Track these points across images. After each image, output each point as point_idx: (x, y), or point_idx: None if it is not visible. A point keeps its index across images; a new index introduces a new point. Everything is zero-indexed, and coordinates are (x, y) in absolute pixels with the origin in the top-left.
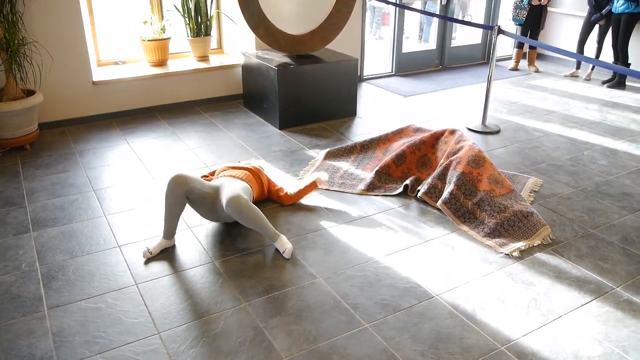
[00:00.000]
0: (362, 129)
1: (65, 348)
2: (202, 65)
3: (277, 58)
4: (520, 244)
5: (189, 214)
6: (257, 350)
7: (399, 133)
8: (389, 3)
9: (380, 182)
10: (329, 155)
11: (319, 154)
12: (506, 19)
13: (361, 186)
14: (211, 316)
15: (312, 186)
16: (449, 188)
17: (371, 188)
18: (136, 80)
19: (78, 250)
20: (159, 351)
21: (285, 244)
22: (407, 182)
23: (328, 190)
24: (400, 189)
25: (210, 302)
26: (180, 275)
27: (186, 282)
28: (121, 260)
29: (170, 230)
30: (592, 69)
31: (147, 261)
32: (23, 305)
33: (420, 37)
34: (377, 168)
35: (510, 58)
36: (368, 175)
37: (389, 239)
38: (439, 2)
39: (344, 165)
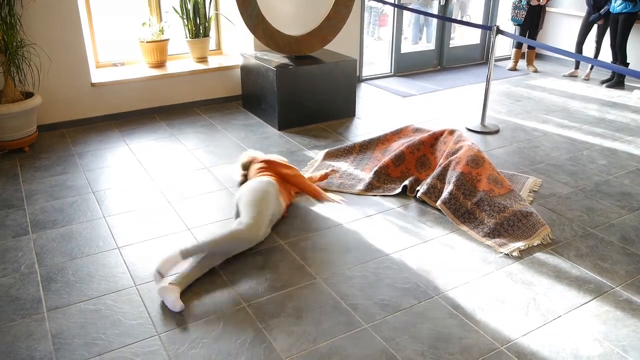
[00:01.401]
0: (361, 129)
1: (64, 350)
2: (201, 66)
3: (276, 59)
4: (520, 244)
5: (188, 214)
6: (257, 351)
7: (398, 133)
8: (386, 3)
9: (379, 183)
10: (328, 156)
11: (318, 155)
12: (505, 19)
13: (360, 186)
14: (211, 317)
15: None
16: (448, 188)
17: (370, 188)
18: (135, 82)
19: (77, 252)
20: (159, 353)
21: (171, 293)
22: (406, 182)
23: (327, 190)
24: (399, 190)
25: (210, 303)
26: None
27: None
28: (120, 262)
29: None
30: (591, 68)
31: (147, 263)
32: (22, 308)
33: (419, 38)
34: (376, 168)
35: (509, 58)
36: (367, 175)
37: (388, 239)
38: (437, 2)
39: (343, 165)
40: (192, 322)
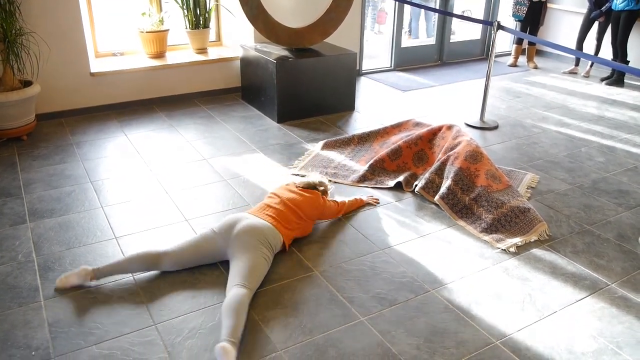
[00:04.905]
0: (361, 123)
1: (61, 339)
2: (201, 57)
3: (276, 51)
4: (517, 240)
5: (186, 205)
6: (254, 342)
7: (398, 127)
8: None
9: (372, 175)
10: (326, 146)
11: (316, 145)
12: (506, 15)
13: (353, 177)
14: (208, 308)
15: (361, 202)
16: (446, 183)
17: (362, 180)
18: (134, 72)
19: (75, 241)
20: (155, 342)
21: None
22: (401, 178)
23: None
24: (392, 184)
25: (207, 294)
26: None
27: (183, 274)
28: (118, 252)
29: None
30: (591, 66)
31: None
32: (19, 296)
33: (409, 33)
34: (371, 162)
35: (509, 54)
36: (361, 167)
37: (385, 233)
38: None
39: (339, 156)
40: (189, 313)
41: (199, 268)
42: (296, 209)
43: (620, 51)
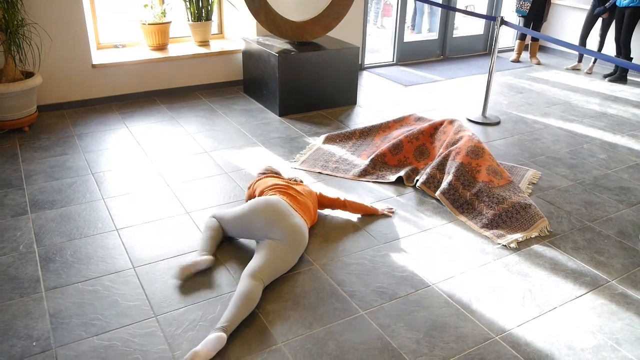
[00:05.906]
0: (362, 117)
1: (62, 329)
2: (203, 50)
3: (278, 44)
4: (518, 236)
5: (187, 198)
6: (254, 335)
7: (399, 121)
8: None
9: (374, 170)
10: (328, 140)
11: (318, 139)
12: (509, 11)
13: (354, 171)
14: (208, 300)
15: (374, 210)
16: (447, 178)
17: (364, 174)
18: (136, 64)
19: (76, 232)
20: (156, 334)
21: (212, 345)
22: (402, 173)
23: (320, 173)
24: (393, 179)
25: (208, 286)
26: (178, 260)
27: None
28: (119, 244)
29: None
30: (594, 62)
31: (145, 245)
32: (20, 287)
33: (412, 27)
34: (372, 156)
35: (512, 50)
36: (363, 162)
37: (386, 227)
38: None
39: (340, 151)
40: (190, 305)
41: None
42: (310, 198)
43: (623, 48)
